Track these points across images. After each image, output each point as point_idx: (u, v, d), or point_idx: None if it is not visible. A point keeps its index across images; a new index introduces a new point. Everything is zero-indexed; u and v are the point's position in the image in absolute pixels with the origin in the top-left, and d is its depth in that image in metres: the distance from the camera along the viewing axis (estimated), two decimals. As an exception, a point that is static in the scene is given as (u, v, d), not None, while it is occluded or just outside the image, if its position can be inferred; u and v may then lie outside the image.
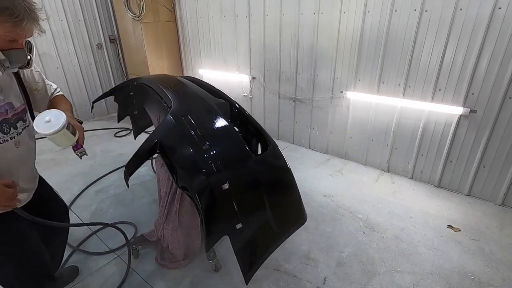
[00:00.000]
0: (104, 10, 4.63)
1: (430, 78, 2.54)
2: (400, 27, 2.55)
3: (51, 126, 1.13)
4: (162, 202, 1.91)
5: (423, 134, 2.74)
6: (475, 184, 2.61)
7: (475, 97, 2.39)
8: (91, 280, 1.87)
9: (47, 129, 1.12)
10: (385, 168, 3.10)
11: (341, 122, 3.27)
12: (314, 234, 2.24)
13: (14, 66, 1.03)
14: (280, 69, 3.54)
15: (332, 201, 2.63)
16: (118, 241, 2.14)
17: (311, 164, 3.30)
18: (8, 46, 0.97)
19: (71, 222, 1.79)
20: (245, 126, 1.88)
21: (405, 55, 2.60)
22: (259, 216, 1.42)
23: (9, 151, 1.11)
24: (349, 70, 3.00)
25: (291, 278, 1.87)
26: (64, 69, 4.39)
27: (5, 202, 1.03)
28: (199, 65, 4.54)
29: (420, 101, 2.63)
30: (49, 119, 1.13)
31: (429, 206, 2.54)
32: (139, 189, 2.86)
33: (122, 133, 4.25)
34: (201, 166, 1.35)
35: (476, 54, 2.27)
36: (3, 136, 1.08)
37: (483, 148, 2.46)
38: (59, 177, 3.07)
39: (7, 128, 1.09)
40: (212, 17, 3.98)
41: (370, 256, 2.03)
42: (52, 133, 1.12)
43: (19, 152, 1.15)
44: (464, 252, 2.05)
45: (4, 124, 1.07)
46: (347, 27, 2.86)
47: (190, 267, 1.95)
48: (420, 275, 1.87)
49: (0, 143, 1.07)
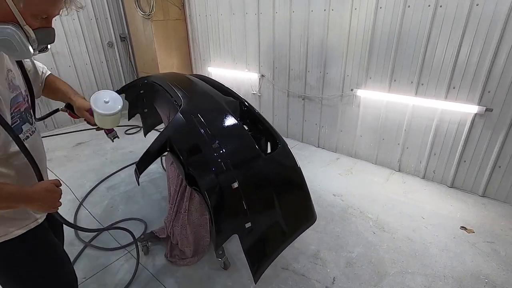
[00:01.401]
0: (115, 9, 4.68)
1: (444, 76, 2.48)
2: (413, 24, 2.49)
3: (110, 107, 1.16)
4: (172, 200, 1.93)
5: (436, 133, 2.68)
6: (490, 184, 2.54)
7: (491, 95, 2.31)
8: (103, 275, 1.91)
9: (107, 110, 1.15)
10: (396, 167, 3.05)
11: (351, 120, 3.22)
12: (323, 233, 2.22)
13: (40, 47, 0.88)
14: (290, 66, 3.51)
15: (342, 201, 2.60)
16: (128, 238, 2.17)
17: (320, 163, 3.28)
18: (39, 24, 0.84)
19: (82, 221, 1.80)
20: (254, 125, 1.87)
21: (418, 52, 2.54)
22: (268, 215, 1.42)
23: (38, 145, 1.02)
24: (359, 68, 2.95)
25: (299, 277, 1.86)
26: (76, 68, 4.47)
27: (55, 203, 0.93)
28: (208, 63, 4.55)
29: (433, 100, 2.57)
30: (108, 100, 1.16)
31: (442, 206, 2.49)
32: (149, 186, 2.90)
33: (132, 131, 4.30)
34: (210, 164, 1.35)
35: (493, 51, 2.20)
36: (31, 127, 0.98)
37: (499, 148, 2.39)
38: (71, 174, 3.14)
39: (30, 118, 0.99)
40: (221, 15, 3.97)
41: (380, 257, 2.00)
42: (111, 114, 1.15)
43: (42, 146, 1.07)
44: (478, 254, 2.00)
45: (27, 114, 0.98)
46: (358, 24, 2.81)
47: (199, 264, 1.96)
48: (432, 277, 1.84)
49: (30, 135, 0.97)
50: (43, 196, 0.89)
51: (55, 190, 0.92)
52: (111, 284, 1.84)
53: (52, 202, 0.92)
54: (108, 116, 1.15)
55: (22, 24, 0.79)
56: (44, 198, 0.89)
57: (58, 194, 0.93)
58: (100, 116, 1.15)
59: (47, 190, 0.90)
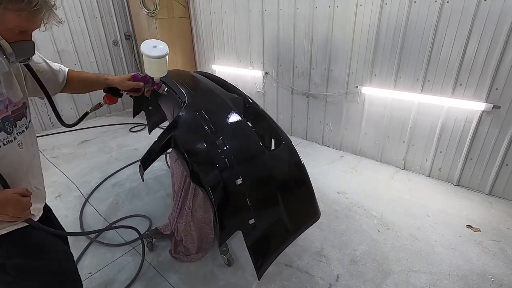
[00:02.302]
0: (120, 7, 4.70)
1: (450, 73, 2.44)
2: (420, 20, 2.46)
3: (160, 50, 1.21)
4: (176, 196, 1.94)
5: (442, 131, 2.65)
6: (497, 183, 2.51)
7: (499, 92, 2.28)
8: (108, 271, 1.93)
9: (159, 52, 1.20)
10: (401, 165, 3.02)
11: (356, 118, 3.20)
12: (327, 231, 2.22)
13: (19, 59, 0.90)
14: (294, 64, 3.49)
15: (346, 198, 2.59)
16: (133, 234, 2.19)
17: (325, 161, 3.26)
18: (17, 37, 0.84)
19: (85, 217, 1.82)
20: (258, 121, 1.87)
21: (425, 48, 2.50)
22: (272, 212, 1.42)
23: (14, 154, 0.96)
24: (364, 65, 2.93)
25: (303, 274, 1.86)
26: (82, 66, 4.50)
27: (19, 213, 0.91)
28: (213, 60, 4.55)
29: (440, 97, 2.54)
30: (155, 45, 1.21)
31: (447, 205, 2.46)
32: (153, 183, 2.92)
33: (137, 128, 4.33)
34: (214, 161, 1.35)
35: (501, 47, 2.16)
36: (7, 137, 0.93)
37: (506, 146, 2.36)
38: (77, 170, 3.17)
39: (9, 127, 0.94)
40: (225, 12, 3.96)
41: (385, 255, 1.99)
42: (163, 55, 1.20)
43: (24, 155, 1.00)
44: (484, 253, 1.98)
45: (6, 122, 0.93)
46: (363, 20, 2.78)
47: (203, 260, 1.97)
48: (437, 276, 1.82)
49: (4, 144, 0.91)
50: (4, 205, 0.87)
51: (19, 200, 0.89)
52: (116, 279, 1.86)
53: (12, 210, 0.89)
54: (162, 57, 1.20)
55: None
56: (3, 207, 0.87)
57: (23, 204, 0.90)
58: (152, 61, 1.21)
59: (7, 199, 0.87)
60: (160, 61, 1.23)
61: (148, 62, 1.24)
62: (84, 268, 1.94)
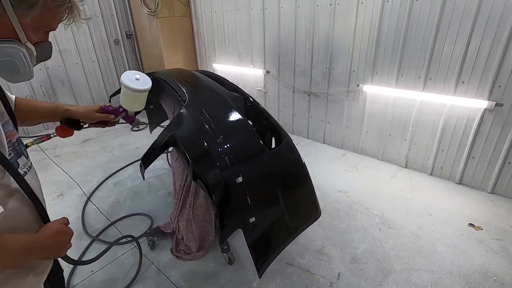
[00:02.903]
0: (121, 6, 4.70)
1: (452, 71, 2.43)
2: (421, 17, 2.45)
3: (144, 83, 1.14)
4: (177, 195, 1.95)
5: (444, 129, 2.64)
6: (500, 181, 2.49)
7: (502, 90, 2.26)
8: (110, 268, 1.94)
9: (142, 85, 1.13)
10: (403, 163, 3.01)
11: (357, 116, 3.19)
12: (328, 229, 2.21)
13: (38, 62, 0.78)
14: (295, 62, 3.48)
15: (347, 197, 2.59)
16: (134, 232, 2.20)
17: (326, 159, 3.26)
18: (38, 38, 0.73)
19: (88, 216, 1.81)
20: (259, 120, 1.87)
21: (426, 46, 2.49)
22: (272, 210, 1.42)
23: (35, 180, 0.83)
24: (366, 63, 2.91)
25: (304, 273, 1.86)
26: (83, 65, 4.51)
27: (66, 245, 0.79)
28: (214, 59, 4.54)
29: (442, 95, 2.52)
30: (139, 78, 1.14)
31: (449, 203, 2.45)
32: (155, 182, 2.93)
33: (138, 127, 4.34)
34: (215, 159, 1.35)
35: (504, 44, 2.14)
36: (27, 162, 0.80)
37: (509, 144, 2.34)
38: (80, 169, 3.19)
39: (25, 151, 0.82)
40: (226, 11, 3.96)
41: (386, 253, 1.98)
42: (146, 89, 1.13)
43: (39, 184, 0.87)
44: (486, 252, 1.97)
45: (21, 145, 0.80)
46: (364, 18, 2.77)
47: (205, 259, 1.97)
48: (439, 274, 1.82)
49: (28, 170, 0.78)
50: (56, 240, 0.75)
51: (66, 231, 0.78)
52: (118, 277, 1.87)
53: (63, 245, 0.77)
54: (142, 92, 1.12)
55: (24, 41, 0.69)
56: (56, 243, 0.75)
57: (69, 235, 0.79)
58: (132, 94, 1.13)
59: (59, 232, 0.76)
60: (142, 95, 1.15)
61: (128, 94, 1.13)
62: (86, 266, 1.96)
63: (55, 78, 4.27)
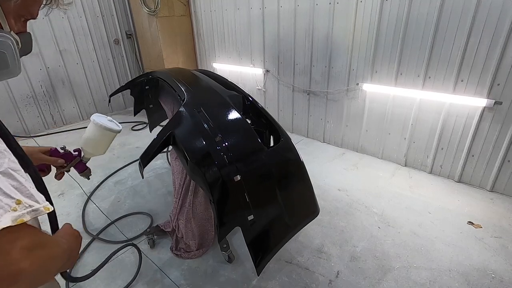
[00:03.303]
0: (121, 6, 4.71)
1: (451, 69, 2.43)
2: (421, 15, 2.45)
3: (116, 125, 1.15)
4: (177, 194, 1.95)
5: (443, 127, 2.64)
6: (499, 179, 2.49)
7: (501, 88, 2.26)
8: (110, 267, 1.95)
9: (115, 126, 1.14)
10: (402, 162, 3.01)
11: (357, 115, 3.19)
12: (327, 227, 2.22)
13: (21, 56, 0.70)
14: (295, 61, 3.49)
15: (347, 195, 2.59)
16: (134, 231, 2.21)
17: (326, 158, 3.26)
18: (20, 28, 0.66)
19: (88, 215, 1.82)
20: (257, 119, 1.88)
21: (426, 44, 2.49)
22: (271, 208, 1.43)
23: None
24: (365, 61, 2.91)
25: (303, 271, 1.87)
26: (83, 65, 4.52)
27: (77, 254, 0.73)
28: (213, 58, 4.55)
29: (441, 93, 2.53)
30: (111, 119, 1.15)
31: (449, 201, 2.46)
32: (155, 181, 2.94)
33: (139, 127, 4.35)
34: (213, 158, 1.36)
35: (503, 43, 2.14)
36: None
37: (508, 142, 2.34)
38: (80, 169, 3.19)
39: None
40: (226, 10, 3.96)
41: (385, 251, 1.99)
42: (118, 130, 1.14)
43: None
44: (485, 250, 1.97)
45: None
46: (363, 17, 2.77)
47: (204, 257, 1.98)
48: (438, 272, 1.82)
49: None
50: (77, 245, 0.71)
51: (80, 236, 0.75)
52: (118, 276, 1.88)
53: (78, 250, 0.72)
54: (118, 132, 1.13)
55: (6, 29, 0.60)
56: (77, 248, 0.71)
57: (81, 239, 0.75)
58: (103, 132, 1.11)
59: (76, 236, 0.72)
60: (111, 136, 1.12)
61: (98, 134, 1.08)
62: (87, 265, 1.97)
63: (55, 78, 4.28)
